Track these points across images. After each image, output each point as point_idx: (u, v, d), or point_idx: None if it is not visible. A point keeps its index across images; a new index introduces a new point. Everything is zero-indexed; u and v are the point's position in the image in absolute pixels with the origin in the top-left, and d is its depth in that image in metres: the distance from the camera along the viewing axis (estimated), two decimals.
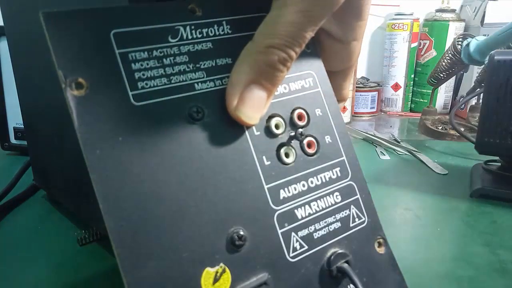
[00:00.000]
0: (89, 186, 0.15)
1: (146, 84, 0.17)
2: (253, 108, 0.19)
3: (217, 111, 0.19)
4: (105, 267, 0.31)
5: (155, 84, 0.18)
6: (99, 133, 0.16)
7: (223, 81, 0.19)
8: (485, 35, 0.67)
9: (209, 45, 0.19)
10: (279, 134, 0.20)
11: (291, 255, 0.19)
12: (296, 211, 0.20)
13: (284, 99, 0.21)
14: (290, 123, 0.21)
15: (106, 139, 0.16)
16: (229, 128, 0.19)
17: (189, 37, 0.19)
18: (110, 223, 0.15)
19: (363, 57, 1.00)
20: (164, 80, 0.18)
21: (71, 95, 0.16)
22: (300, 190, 0.20)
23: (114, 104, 0.17)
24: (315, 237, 0.20)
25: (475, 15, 0.84)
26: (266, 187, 0.19)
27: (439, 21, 0.88)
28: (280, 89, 0.21)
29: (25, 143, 0.54)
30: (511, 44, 0.58)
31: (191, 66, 0.19)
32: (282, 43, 0.18)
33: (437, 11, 0.90)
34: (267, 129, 0.20)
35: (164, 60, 0.18)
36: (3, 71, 0.55)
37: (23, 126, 0.45)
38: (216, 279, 0.17)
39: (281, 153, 0.20)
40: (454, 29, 0.87)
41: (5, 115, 0.56)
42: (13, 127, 0.57)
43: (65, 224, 0.38)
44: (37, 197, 0.44)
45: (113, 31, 0.17)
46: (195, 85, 0.19)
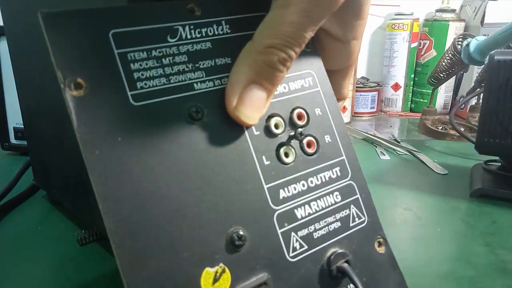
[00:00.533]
0: (89, 186, 0.15)
1: (145, 84, 0.17)
2: (253, 108, 0.19)
3: (216, 111, 0.19)
4: (105, 267, 0.31)
5: (154, 84, 0.18)
6: (98, 133, 0.16)
7: (222, 81, 0.19)
8: (485, 35, 0.67)
9: (208, 44, 0.19)
10: (279, 134, 0.20)
11: (291, 255, 0.19)
12: (296, 211, 0.20)
13: (284, 98, 0.21)
14: (290, 122, 0.21)
15: (105, 140, 0.16)
16: (228, 128, 0.19)
17: (188, 36, 0.19)
18: (110, 223, 0.15)
19: (363, 57, 1.00)
20: (163, 80, 0.18)
21: (70, 95, 0.16)
22: (300, 190, 0.20)
23: (113, 104, 0.17)
24: (315, 237, 0.20)
25: (475, 15, 0.84)
26: (265, 187, 0.19)
27: (439, 21, 0.88)
28: (280, 88, 0.21)
29: (25, 143, 0.54)
30: (511, 44, 0.58)
31: (190, 66, 0.19)
32: (282, 43, 0.18)
33: (437, 11, 0.90)
34: (267, 129, 0.20)
35: (163, 60, 0.18)
36: (3, 71, 0.55)
37: (23, 126, 0.45)
38: (216, 279, 0.17)
39: (280, 153, 0.20)
40: (454, 29, 0.87)
41: (5, 115, 0.56)
42: (13, 127, 0.57)
43: (65, 224, 0.38)
44: (37, 197, 0.44)
45: (112, 31, 0.17)
46: (194, 85, 0.19)
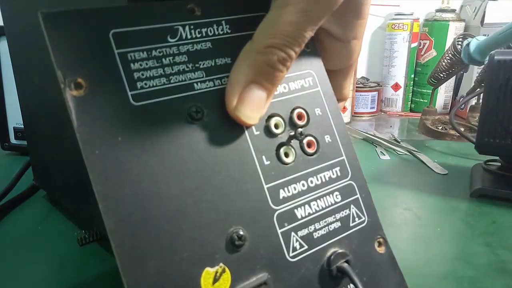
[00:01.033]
0: (89, 186, 0.15)
1: (145, 84, 0.17)
2: (253, 108, 0.19)
3: (216, 111, 0.19)
4: (105, 267, 0.31)
5: (154, 84, 0.18)
6: (98, 133, 0.16)
7: (222, 81, 0.19)
8: (485, 35, 0.67)
9: (208, 44, 0.19)
10: (279, 134, 0.20)
11: (291, 255, 0.19)
12: (296, 210, 0.20)
13: (284, 98, 0.21)
14: (290, 122, 0.21)
15: (105, 139, 0.16)
16: (228, 128, 0.19)
17: (188, 36, 0.19)
18: (110, 223, 0.15)
19: (363, 57, 1.00)
20: (163, 80, 0.18)
21: (70, 95, 0.16)
22: (300, 190, 0.20)
23: (113, 104, 0.16)
24: (315, 236, 0.20)
25: (475, 15, 0.84)
26: (265, 186, 0.19)
27: (439, 21, 0.88)
28: (280, 88, 0.21)
29: (25, 143, 0.54)
30: (511, 44, 0.58)
31: (190, 66, 0.19)
32: (282, 43, 0.18)
33: (437, 11, 0.90)
34: (267, 129, 0.20)
35: (163, 60, 0.18)
36: (3, 71, 0.55)
37: (23, 126, 0.45)
38: (216, 279, 0.17)
39: (280, 153, 0.20)
40: (454, 29, 0.87)
41: (5, 115, 0.56)
42: (13, 127, 0.57)
43: (65, 224, 0.38)
44: (37, 197, 0.44)
45: (112, 31, 0.17)
46: (195, 85, 0.18)
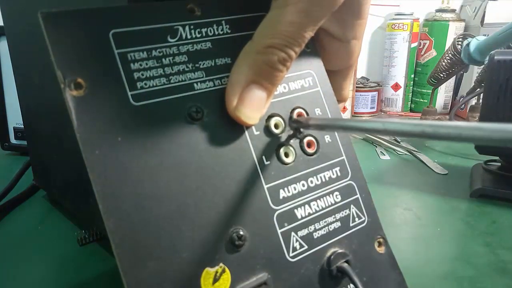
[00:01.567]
0: (89, 186, 0.15)
1: (145, 84, 0.17)
2: (253, 108, 0.19)
3: (216, 111, 0.19)
4: (105, 267, 0.31)
5: (154, 84, 0.18)
6: (98, 133, 0.16)
7: (222, 81, 0.19)
8: (485, 35, 0.67)
9: (208, 44, 0.19)
10: (279, 134, 0.20)
11: (291, 255, 0.19)
12: (295, 210, 0.20)
13: (284, 98, 0.21)
14: (290, 122, 0.21)
15: (105, 139, 0.16)
16: (228, 128, 0.19)
17: (188, 36, 0.19)
18: (110, 223, 0.15)
19: (363, 57, 1.00)
20: (163, 80, 0.18)
21: (70, 95, 0.16)
22: (299, 190, 0.20)
23: (113, 104, 0.17)
24: (315, 236, 0.20)
25: (475, 15, 0.84)
26: (265, 186, 0.19)
27: (439, 21, 0.88)
28: (280, 88, 0.21)
29: (25, 143, 0.54)
30: (511, 44, 0.58)
31: (190, 66, 0.19)
32: (282, 43, 0.18)
33: (437, 11, 0.90)
34: (267, 129, 0.20)
35: (163, 60, 0.18)
36: (3, 71, 0.55)
37: (23, 126, 0.45)
38: (216, 279, 0.17)
39: (280, 153, 0.20)
40: (454, 29, 0.87)
41: (5, 115, 0.56)
42: (13, 127, 0.57)
43: (65, 224, 0.38)
44: (37, 197, 0.44)
45: (112, 31, 0.17)
46: (194, 85, 0.19)
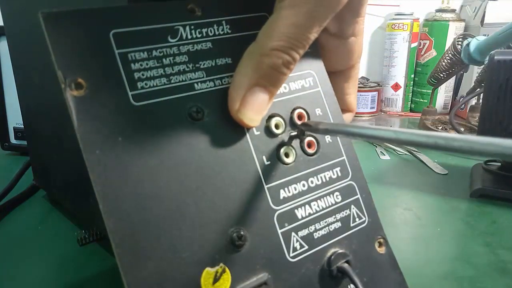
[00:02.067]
0: (89, 186, 0.15)
1: (146, 84, 0.17)
2: (255, 110, 0.19)
3: (217, 111, 0.19)
4: (105, 267, 0.31)
5: (154, 84, 0.18)
6: (98, 133, 0.16)
7: (223, 81, 0.19)
8: (485, 35, 0.67)
9: (208, 45, 0.19)
10: (279, 134, 0.20)
11: (291, 255, 0.19)
12: (296, 211, 0.20)
13: (284, 98, 0.21)
14: (290, 122, 0.21)
15: (106, 139, 0.16)
16: (229, 128, 0.19)
17: (189, 37, 0.19)
18: (110, 223, 0.15)
19: (363, 57, 0.99)
20: (163, 80, 0.18)
21: (70, 95, 0.16)
22: (300, 190, 0.20)
23: (114, 104, 0.17)
24: (315, 237, 0.20)
25: (475, 15, 0.84)
26: (266, 187, 0.19)
27: (439, 21, 0.88)
28: (280, 89, 0.21)
29: (25, 143, 0.54)
30: (511, 44, 0.58)
31: (190, 66, 0.19)
32: (287, 45, 0.18)
33: (437, 11, 0.90)
34: (267, 129, 0.20)
35: (164, 60, 0.18)
36: (3, 71, 0.55)
37: (23, 126, 0.45)
38: (216, 279, 0.17)
39: (281, 153, 0.20)
40: (454, 29, 0.87)
41: (5, 115, 0.56)
42: (13, 127, 0.57)
43: (65, 224, 0.38)
44: (37, 197, 0.44)
45: (113, 31, 0.17)
46: (195, 85, 0.19)
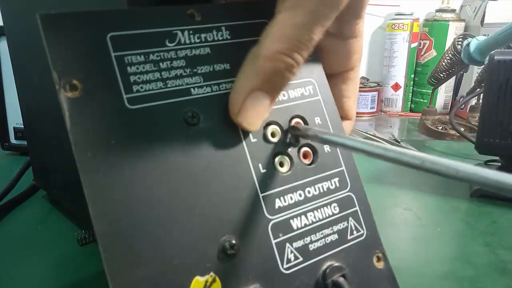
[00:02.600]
0: None
1: (141, 88, 0.17)
2: (256, 114, 0.18)
3: (213, 116, 0.18)
4: None
5: (150, 88, 0.17)
6: (91, 135, 0.16)
7: (220, 86, 0.19)
8: (485, 35, 0.67)
9: (207, 50, 0.19)
10: (276, 142, 0.20)
11: (285, 266, 0.18)
12: (291, 221, 0.19)
13: (283, 106, 0.20)
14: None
15: (98, 142, 0.16)
16: (225, 134, 0.18)
17: (187, 41, 0.18)
18: (99, 227, 0.15)
19: (363, 57, 0.99)
20: (160, 84, 0.17)
21: (64, 96, 0.16)
22: (296, 200, 0.19)
23: (108, 107, 0.16)
24: (310, 248, 0.19)
25: (475, 15, 0.84)
26: (261, 195, 0.18)
27: (439, 21, 0.88)
28: (280, 96, 0.20)
29: (25, 143, 0.54)
30: (511, 44, 0.58)
31: (188, 70, 0.18)
32: (290, 48, 0.17)
33: (437, 11, 0.90)
34: (264, 136, 0.19)
35: (161, 64, 0.18)
36: (3, 71, 0.55)
37: (23, 126, 0.45)
38: None
39: (276, 161, 0.19)
40: (454, 29, 0.87)
41: (5, 115, 0.56)
42: (13, 127, 0.57)
43: (65, 224, 0.38)
44: (37, 197, 0.44)
45: (110, 34, 0.17)
46: (192, 90, 0.18)
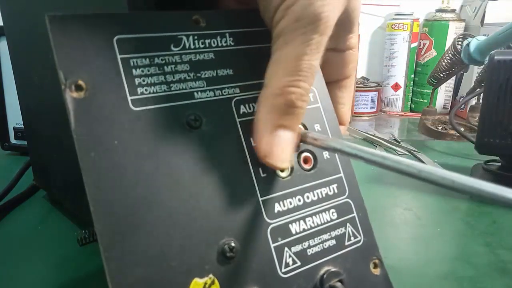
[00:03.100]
0: None
1: (146, 90, 0.17)
2: (284, 151, 0.18)
3: (215, 120, 0.19)
4: None
5: (154, 91, 0.18)
6: (94, 135, 0.16)
7: (223, 91, 0.19)
8: (485, 35, 0.67)
9: (211, 55, 0.19)
10: None
11: (283, 270, 0.18)
12: (290, 225, 0.19)
13: None
14: None
15: (102, 142, 0.16)
16: (226, 138, 0.19)
17: (192, 46, 0.19)
18: (100, 226, 0.15)
19: (363, 57, 1.00)
20: (164, 87, 0.18)
21: (70, 96, 0.16)
22: (295, 205, 0.20)
23: (112, 108, 0.17)
24: (308, 253, 0.19)
25: (475, 15, 0.84)
26: (261, 199, 0.19)
27: (439, 21, 0.88)
28: None
29: (25, 143, 0.54)
30: (511, 44, 0.58)
31: (191, 75, 0.19)
32: (295, 79, 0.18)
33: (437, 11, 0.90)
34: None
35: (165, 67, 0.18)
36: (3, 71, 0.55)
37: (23, 126, 0.45)
38: None
39: None
40: (454, 29, 0.87)
41: (5, 115, 0.56)
42: (13, 127, 0.57)
43: (65, 224, 0.38)
44: (37, 197, 0.44)
45: (117, 36, 0.17)
46: (195, 93, 0.19)
